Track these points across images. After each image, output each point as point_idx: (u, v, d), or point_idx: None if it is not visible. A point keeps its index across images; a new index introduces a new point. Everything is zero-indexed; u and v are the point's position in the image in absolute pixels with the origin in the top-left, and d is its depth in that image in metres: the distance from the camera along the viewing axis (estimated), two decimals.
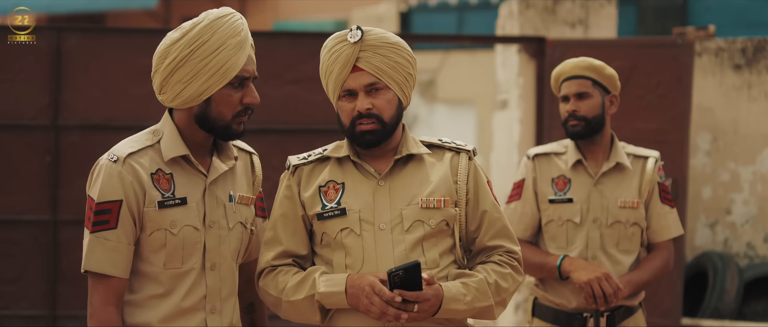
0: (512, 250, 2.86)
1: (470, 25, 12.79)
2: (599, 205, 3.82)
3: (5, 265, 5.71)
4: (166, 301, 2.63)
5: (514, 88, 6.53)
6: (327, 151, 2.89)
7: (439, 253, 2.79)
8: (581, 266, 3.70)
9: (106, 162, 2.61)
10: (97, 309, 2.58)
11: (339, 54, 2.77)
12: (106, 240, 2.58)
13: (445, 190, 2.81)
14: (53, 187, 5.70)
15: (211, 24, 2.61)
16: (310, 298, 2.73)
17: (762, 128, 6.19)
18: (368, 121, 2.76)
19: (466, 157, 2.87)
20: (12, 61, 5.76)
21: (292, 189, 2.85)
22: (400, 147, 2.84)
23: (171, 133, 2.67)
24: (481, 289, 2.75)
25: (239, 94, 2.65)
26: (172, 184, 2.64)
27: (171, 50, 2.60)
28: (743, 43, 6.25)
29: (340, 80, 2.78)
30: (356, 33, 2.76)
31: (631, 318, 3.81)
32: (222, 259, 2.70)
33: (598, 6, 6.48)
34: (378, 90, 2.76)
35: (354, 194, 2.80)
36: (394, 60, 2.77)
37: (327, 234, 2.80)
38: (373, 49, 2.76)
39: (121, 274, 2.60)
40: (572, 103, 3.81)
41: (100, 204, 2.58)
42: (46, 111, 5.74)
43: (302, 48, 5.97)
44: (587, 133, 3.81)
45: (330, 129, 6.17)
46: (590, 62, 3.81)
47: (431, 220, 2.78)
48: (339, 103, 2.81)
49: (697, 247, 6.26)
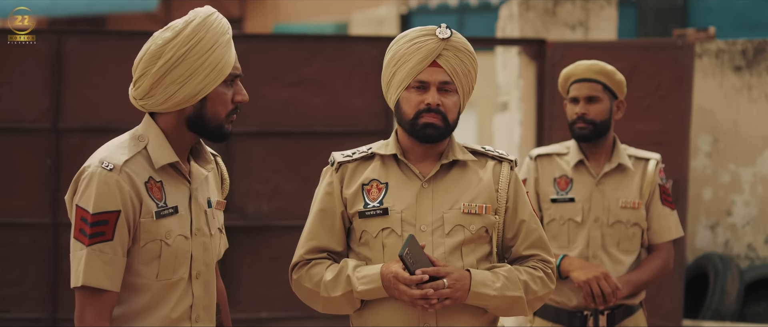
0: (547, 260, 2.89)
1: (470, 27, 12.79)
2: (600, 205, 3.85)
3: (6, 268, 5.71)
4: (156, 312, 2.55)
5: (515, 90, 6.53)
6: (372, 148, 2.91)
7: (477, 258, 2.82)
8: (580, 265, 3.73)
9: (99, 170, 2.49)
10: (90, 326, 2.47)
11: (422, 45, 2.79)
12: (102, 252, 2.46)
13: (486, 197, 2.84)
14: (54, 190, 5.70)
15: (204, 21, 2.55)
16: (347, 294, 2.77)
17: (762, 130, 6.19)
18: (434, 116, 2.79)
19: (508, 167, 2.91)
20: (12, 63, 5.76)
21: (334, 185, 2.87)
22: (446, 152, 2.87)
23: (158, 138, 2.57)
24: (511, 278, 2.79)
25: (231, 93, 2.61)
26: (163, 192, 2.56)
27: (165, 50, 2.52)
28: (743, 44, 6.25)
29: (416, 71, 2.79)
30: (446, 31, 2.80)
31: (631, 317, 3.84)
32: (206, 267, 2.65)
33: (598, 8, 6.48)
34: (449, 91, 2.81)
35: (397, 195, 2.83)
36: (467, 68, 2.83)
37: (367, 232, 2.82)
38: (455, 50, 2.81)
39: (115, 288, 2.49)
40: (582, 105, 3.83)
41: (96, 215, 2.46)
42: (46, 114, 5.74)
43: (302, 50, 5.97)
44: (593, 136, 3.84)
45: (330, 131, 6.19)
46: (602, 66, 3.84)
47: (472, 226, 2.81)
48: (405, 93, 2.82)
49: (697, 248, 6.26)
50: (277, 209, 5.92)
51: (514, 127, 6.51)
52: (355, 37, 7.34)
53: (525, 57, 6.37)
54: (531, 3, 6.45)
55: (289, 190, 5.87)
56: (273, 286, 5.91)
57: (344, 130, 5.85)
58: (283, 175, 5.89)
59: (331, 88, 5.90)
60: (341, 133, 5.83)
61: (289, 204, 5.87)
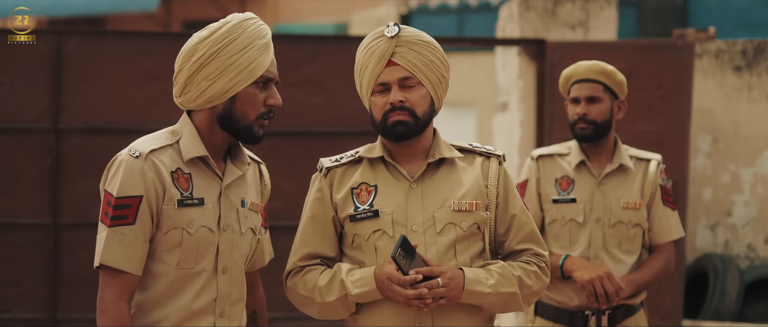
0: (540, 254, 2.89)
1: (470, 27, 12.80)
2: (602, 205, 3.86)
3: (6, 268, 5.71)
4: (176, 301, 2.62)
5: (515, 90, 6.53)
6: (359, 152, 2.91)
7: (471, 256, 2.82)
8: (583, 265, 3.73)
9: (127, 157, 2.60)
10: (108, 305, 2.55)
11: (375, 49, 2.81)
12: (123, 235, 2.56)
13: (476, 194, 2.84)
14: (54, 190, 5.70)
15: (240, 24, 2.66)
16: (342, 298, 2.77)
17: (762, 130, 6.19)
18: (401, 113, 2.78)
19: (496, 162, 2.90)
20: (12, 64, 5.76)
21: (324, 191, 2.88)
22: (432, 150, 2.87)
23: (191, 134, 2.67)
24: (504, 274, 2.78)
25: (263, 96, 2.67)
26: (190, 183, 2.65)
27: (199, 47, 2.63)
28: (743, 44, 6.25)
29: (375, 74, 2.80)
30: (393, 28, 2.80)
31: (632, 317, 3.84)
32: (233, 263, 2.71)
33: (598, 8, 6.48)
34: (411, 86, 2.80)
35: (387, 196, 2.82)
36: (428, 58, 2.81)
37: (359, 235, 2.82)
38: (409, 44, 2.79)
39: (135, 271, 2.57)
40: (583, 106, 3.85)
41: (119, 198, 2.56)
42: (46, 114, 5.74)
43: (302, 51, 5.97)
44: (595, 136, 3.85)
45: (330, 132, 6.20)
46: (603, 67, 3.85)
47: (463, 223, 2.81)
48: (372, 99, 2.84)
49: (697, 248, 6.26)
50: (277, 209, 5.90)
51: (514, 127, 6.51)
52: (355, 38, 7.33)
53: (525, 57, 6.37)
54: (531, 3, 6.45)
55: (289, 190, 5.86)
56: (273, 286, 5.88)
57: (344, 131, 5.85)
58: (283, 175, 5.88)
59: (331, 88, 5.90)
60: (341, 134, 5.83)
61: (289, 204, 5.85)
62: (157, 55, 5.71)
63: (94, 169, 5.68)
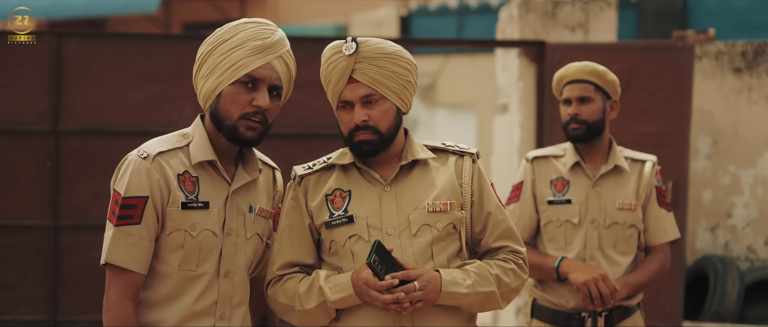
0: (517, 250, 2.87)
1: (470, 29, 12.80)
2: (597, 206, 3.86)
3: (6, 270, 5.71)
4: (178, 302, 2.66)
5: (515, 91, 6.53)
6: (331, 158, 2.90)
7: (448, 257, 2.81)
8: (579, 267, 3.74)
9: (135, 158, 2.64)
10: (113, 303, 2.60)
11: (335, 65, 2.79)
12: (129, 235, 2.60)
13: (450, 194, 2.82)
14: (54, 192, 5.70)
15: (238, 25, 2.71)
16: (321, 304, 2.76)
17: (762, 131, 6.19)
18: (365, 133, 2.77)
19: (470, 160, 2.88)
20: (12, 66, 5.76)
21: (299, 199, 2.87)
22: (405, 152, 2.86)
23: (201, 137, 2.71)
24: (481, 273, 2.77)
25: (249, 96, 2.68)
26: (196, 187, 2.68)
27: (201, 47, 2.71)
28: (743, 46, 6.25)
29: (337, 91, 2.80)
30: (351, 45, 2.77)
31: (629, 318, 3.85)
32: (236, 267, 2.73)
33: (598, 9, 6.48)
34: (374, 101, 2.77)
35: (361, 201, 2.81)
36: (390, 70, 2.77)
37: (335, 242, 2.81)
38: (369, 60, 2.76)
39: (139, 270, 2.62)
40: (574, 106, 3.85)
41: (126, 198, 2.61)
42: (46, 116, 5.75)
43: (302, 53, 5.89)
44: (587, 136, 3.85)
45: (330, 133, 6.18)
46: (593, 67, 3.86)
47: (439, 224, 2.79)
48: (337, 112, 2.84)
49: (697, 250, 6.26)
50: None
51: (514, 129, 6.51)
52: None
53: (525, 59, 6.37)
54: (531, 5, 6.45)
55: None
56: None
57: None
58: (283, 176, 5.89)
59: None
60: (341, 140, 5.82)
61: None
62: (157, 57, 5.71)
63: (94, 170, 5.69)
